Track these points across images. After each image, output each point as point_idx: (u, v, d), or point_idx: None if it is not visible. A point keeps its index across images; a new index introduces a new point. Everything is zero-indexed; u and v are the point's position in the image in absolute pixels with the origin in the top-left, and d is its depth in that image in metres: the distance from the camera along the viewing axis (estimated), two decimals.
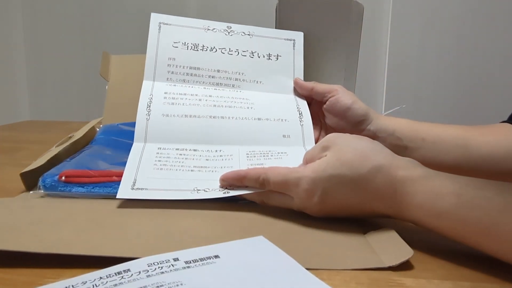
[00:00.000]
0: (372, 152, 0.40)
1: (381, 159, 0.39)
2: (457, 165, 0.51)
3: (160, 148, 0.49)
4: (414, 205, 0.36)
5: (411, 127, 0.53)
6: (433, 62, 1.46)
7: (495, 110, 1.39)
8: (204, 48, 0.57)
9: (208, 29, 0.58)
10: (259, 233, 0.36)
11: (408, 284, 0.32)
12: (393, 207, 0.38)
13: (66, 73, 1.63)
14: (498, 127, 0.54)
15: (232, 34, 0.58)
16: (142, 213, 0.43)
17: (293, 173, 0.41)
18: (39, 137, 0.95)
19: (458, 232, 0.34)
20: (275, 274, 0.30)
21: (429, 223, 0.36)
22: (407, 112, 0.70)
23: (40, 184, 0.48)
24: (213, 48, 0.57)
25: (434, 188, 0.35)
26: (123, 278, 0.28)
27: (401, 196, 0.37)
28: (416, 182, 0.36)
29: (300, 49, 0.60)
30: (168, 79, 0.55)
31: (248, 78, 0.57)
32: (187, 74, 0.55)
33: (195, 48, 0.56)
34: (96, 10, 1.58)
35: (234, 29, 0.58)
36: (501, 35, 1.41)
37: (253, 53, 0.58)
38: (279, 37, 0.60)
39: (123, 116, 0.72)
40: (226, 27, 0.58)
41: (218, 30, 0.58)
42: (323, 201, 0.40)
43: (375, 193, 0.38)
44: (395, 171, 0.38)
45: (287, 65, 0.59)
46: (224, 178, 0.46)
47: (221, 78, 0.56)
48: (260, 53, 0.58)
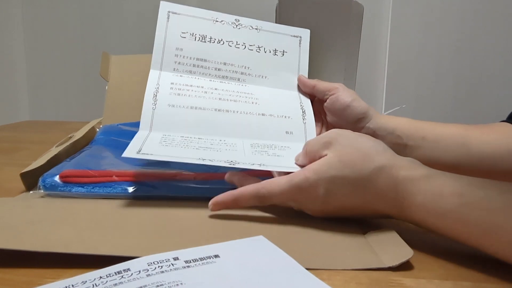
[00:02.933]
0: (375, 152, 0.39)
1: (383, 159, 0.39)
2: (457, 163, 0.51)
3: (165, 135, 0.49)
4: (416, 205, 0.36)
5: (411, 125, 0.53)
6: (433, 62, 1.46)
7: (495, 110, 1.39)
8: (212, 40, 0.57)
9: (216, 20, 0.58)
10: (259, 233, 0.36)
11: (408, 284, 0.32)
12: (395, 207, 0.38)
13: (66, 73, 1.63)
14: (498, 126, 0.54)
15: (240, 28, 0.58)
16: (142, 213, 0.44)
17: (294, 179, 0.40)
18: (39, 137, 0.95)
19: (459, 232, 0.34)
20: (275, 274, 0.30)
21: (431, 223, 0.36)
22: (407, 112, 0.70)
23: (40, 184, 0.48)
24: (221, 41, 0.57)
25: (436, 188, 0.36)
26: (123, 277, 0.28)
27: (403, 196, 0.37)
28: (418, 182, 0.36)
29: (306, 46, 0.60)
30: (175, 69, 0.55)
31: (254, 72, 0.58)
32: (193, 65, 0.56)
33: (203, 39, 0.56)
34: (96, 11, 1.58)
35: (242, 23, 0.59)
36: (501, 35, 1.41)
37: (259, 48, 0.58)
38: (286, 33, 0.60)
39: (123, 116, 0.72)
40: (234, 20, 0.58)
41: (226, 23, 0.58)
42: (326, 201, 0.40)
43: (377, 193, 0.38)
44: (397, 171, 0.38)
45: (293, 61, 0.59)
46: (215, 202, 0.42)
47: (227, 71, 0.57)
48: (266, 48, 0.59)
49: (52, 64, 1.64)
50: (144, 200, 0.47)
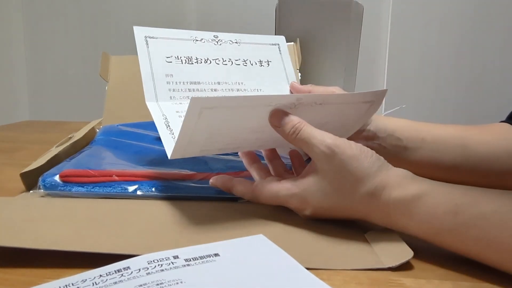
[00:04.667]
0: (367, 175, 0.38)
1: (375, 181, 0.37)
2: (456, 165, 0.51)
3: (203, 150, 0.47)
4: (411, 225, 0.36)
5: (411, 127, 0.53)
6: (433, 62, 1.46)
7: (494, 110, 1.39)
8: (198, 60, 0.54)
9: (196, 39, 0.55)
10: (259, 232, 0.36)
11: (408, 284, 0.32)
12: (390, 223, 0.38)
13: (66, 73, 1.63)
14: (496, 126, 0.54)
15: (220, 44, 0.56)
16: (142, 212, 0.44)
17: (283, 190, 0.41)
18: (39, 137, 0.95)
19: (458, 248, 0.34)
20: (275, 273, 0.30)
21: (429, 240, 0.36)
22: (407, 112, 0.70)
23: (40, 184, 0.48)
24: (207, 60, 0.55)
25: (429, 209, 0.35)
26: (122, 275, 0.28)
27: (396, 217, 0.37)
28: (410, 204, 0.36)
29: (285, 52, 0.60)
30: (171, 98, 0.51)
31: (248, 87, 0.56)
32: (189, 90, 0.53)
33: (189, 61, 0.54)
34: (96, 11, 1.59)
35: (221, 38, 0.57)
36: (501, 35, 1.41)
37: (245, 61, 0.57)
38: (264, 42, 0.60)
39: (122, 116, 0.72)
40: (213, 37, 0.57)
41: (206, 40, 0.56)
42: (314, 214, 0.40)
43: (368, 212, 0.38)
44: (388, 192, 0.37)
45: (279, 70, 0.59)
46: (214, 181, 0.46)
47: (223, 90, 0.55)
48: (252, 61, 0.57)
49: (52, 64, 1.64)
50: (144, 199, 0.47)
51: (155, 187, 0.48)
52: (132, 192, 0.48)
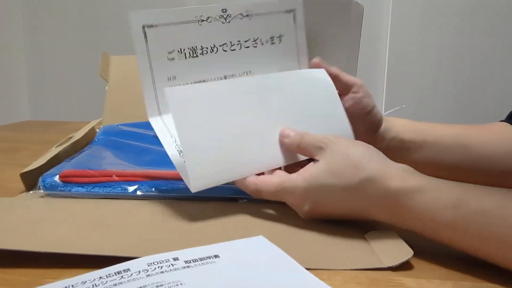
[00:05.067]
0: (366, 160, 0.39)
1: (374, 168, 0.38)
2: (456, 164, 0.51)
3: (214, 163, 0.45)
4: (411, 218, 0.36)
5: (413, 128, 0.53)
6: (433, 62, 1.46)
7: (494, 110, 1.39)
8: (204, 51, 0.50)
9: (201, 19, 0.50)
10: (259, 233, 0.36)
11: (408, 284, 0.32)
12: (389, 216, 0.38)
13: (66, 73, 1.63)
14: (496, 126, 0.54)
15: (229, 20, 0.51)
16: (142, 213, 0.44)
17: (285, 183, 0.41)
18: (39, 137, 0.95)
19: (458, 243, 0.34)
20: (275, 274, 0.30)
21: (428, 234, 0.36)
22: (407, 112, 0.70)
23: (40, 184, 0.48)
24: (213, 48, 0.51)
25: (430, 202, 0.35)
26: (122, 277, 0.28)
27: (397, 209, 0.37)
28: (411, 196, 0.36)
29: (301, 21, 0.55)
30: None
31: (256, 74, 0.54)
32: None
33: (194, 53, 0.49)
34: (96, 10, 1.59)
35: (230, 12, 0.51)
36: (501, 34, 1.41)
37: (255, 41, 0.53)
38: (279, 10, 0.54)
39: (123, 116, 0.72)
40: (221, 12, 0.51)
41: (213, 19, 0.50)
42: (313, 209, 0.40)
43: (368, 202, 0.38)
44: (388, 182, 0.37)
45: (291, 45, 0.55)
46: None
47: None
48: (263, 39, 0.53)
49: (52, 64, 1.64)
50: (144, 200, 0.47)
51: (155, 187, 0.48)
52: (132, 192, 0.48)
